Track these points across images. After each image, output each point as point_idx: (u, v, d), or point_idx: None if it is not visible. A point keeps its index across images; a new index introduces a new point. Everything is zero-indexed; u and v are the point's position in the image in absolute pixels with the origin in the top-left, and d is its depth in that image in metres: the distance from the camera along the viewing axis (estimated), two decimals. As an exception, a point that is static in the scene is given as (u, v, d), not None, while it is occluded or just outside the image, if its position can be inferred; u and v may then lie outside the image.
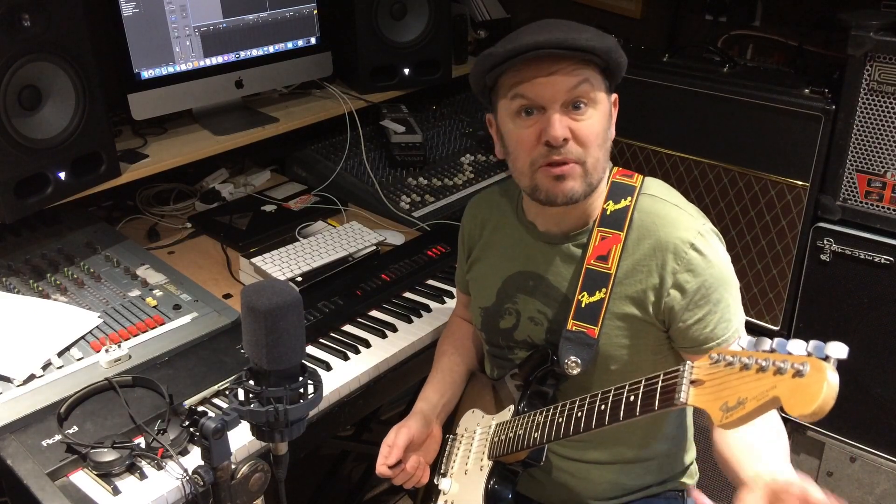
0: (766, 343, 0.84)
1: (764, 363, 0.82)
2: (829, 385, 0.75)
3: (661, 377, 0.98)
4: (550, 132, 1.17)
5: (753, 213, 1.88)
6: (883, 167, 1.71)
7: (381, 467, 1.37)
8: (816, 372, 0.77)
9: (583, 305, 1.26)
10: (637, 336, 1.27)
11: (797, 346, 0.81)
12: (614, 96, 1.27)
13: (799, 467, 1.95)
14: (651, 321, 1.25)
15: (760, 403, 0.81)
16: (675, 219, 1.25)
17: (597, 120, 1.20)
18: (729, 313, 1.25)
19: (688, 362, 0.94)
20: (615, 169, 1.32)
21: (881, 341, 1.77)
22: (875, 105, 1.67)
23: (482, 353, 1.55)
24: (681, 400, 0.92)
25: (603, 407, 1.06)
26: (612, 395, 1.07)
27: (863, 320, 1.79)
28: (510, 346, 1.40)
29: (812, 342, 0.80)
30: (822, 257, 1.80)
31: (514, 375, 1.38)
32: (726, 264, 1.26)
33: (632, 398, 1.01)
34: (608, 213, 1.28)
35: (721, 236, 1.28)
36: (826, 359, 0.78)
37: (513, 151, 1.25)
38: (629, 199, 1.28)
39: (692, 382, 0.91)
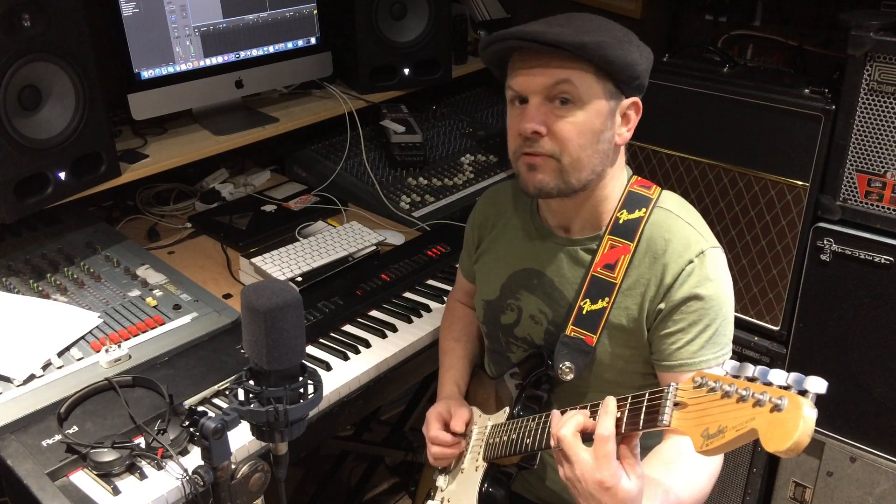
0: (749, 370, 0.84)
1: (744, 393, 0.81)
2: (804, 422, 0.75)
3: (647, 396, 0.97)
4: (521, 123, 1.18)
5: (753, 213, 1.88)
6: (883, 167, 1.71)
7: (442, 451, 1.39)
8: (794, 408, 0.76)
9: (584, 312, 1.26)
10: (633, 348, 1.26)
11: (778, 377, 0.81)
12: (631, 101, 1.23)
13: (799, 467, 1.96)
14: (644, 334, 1.25)
15: (739, 434, 0.80)
16: (684, 236, 1.23)
17: (581, 120, 1.17)
18: (717, 338, 1.22)
19: (672, 384, 0.93)
20: (634, 178, 1.31)
21: (881, 341, 1.77)
22: (875, 105, 1.67)
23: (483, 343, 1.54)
24: (664, 422, 0.91)
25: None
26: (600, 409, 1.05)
27: (863, 320, 1.78)
28: (509, 342, 1.40)
29: (792, 374, 0.80)
30: (822, 257, 1.80)
31: (514, 375, 1.38)
32: (725, 289, 1.24)
33: (618, 415, 1.00)
34: (621, 221, 1.26)
35: (726, 262, 1.26)
36: (804, 393, 0.78)
37: (508, 138, 1.26)
38: (643, 210, 1.26)
39: (676, 405, 0.91)
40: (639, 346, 1.26)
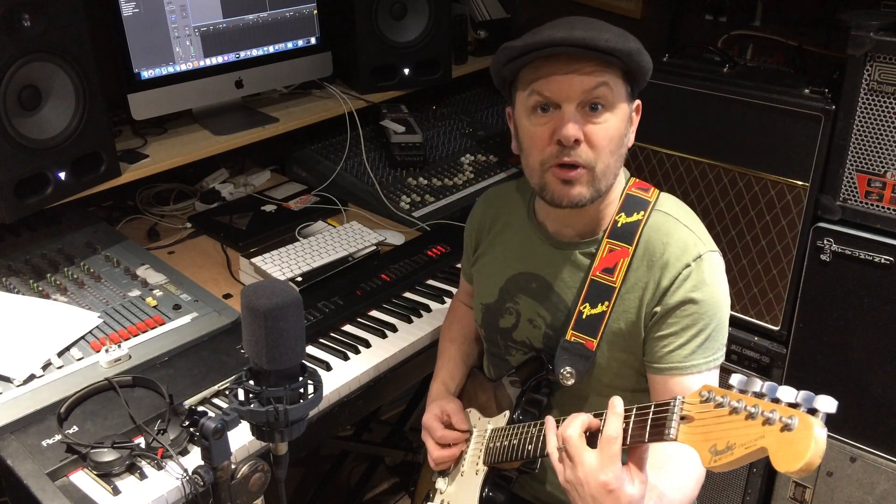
0: (757, 385, 0.84)
1: (753, 410, 0.81)
2: (816, 443, 0.75)
3: (652, 408, 0.97)
4: (562, 131, 1.15)
5: (753, 213, 1.88)
6: (883, 167, 1.71)
7: (447, 452, 1.39)
8: (805, 428, 0.76)
9: (584, 317, 1.25)
10: (630, 351, 1.26)
11: (787, 394, 0.80)
12: (637, 103, 1.24)
13: (799, 467, 1.96)
14: (641, 336, 1.24)
15: (748, 452, 0.80)
16: (682, 239, 1.23)
17: (613, 125, 1.17)
18: (710, 343, 1.21)
19: (679, 397, 0.93)
20: (632, 180, 1.31)
21: (881, 341, 1.77)
22: (875, 105, 1.67)
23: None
24: (671, 436, 0.91)
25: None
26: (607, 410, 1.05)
27: (863, 320, 1.78)
28: (508, 345, 1.40)
29: (802, 392, 0.80)
30: (822, 257, 1.80)
31: (512, 378, 1.37)
32: (721, 293, 1.23)
33: (623, 426, 1.00)
34: (619, 225, 1.26)
35: (724, 266, 1.26)
36: (814, 412, 0.78)
37: (526, 148, 1.23)
38: (642, 213, 1.26)
39: (682, 419, 0.91)
40: (635, 350, 1.26)
